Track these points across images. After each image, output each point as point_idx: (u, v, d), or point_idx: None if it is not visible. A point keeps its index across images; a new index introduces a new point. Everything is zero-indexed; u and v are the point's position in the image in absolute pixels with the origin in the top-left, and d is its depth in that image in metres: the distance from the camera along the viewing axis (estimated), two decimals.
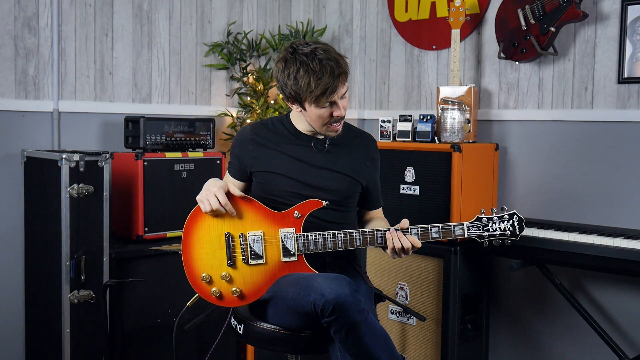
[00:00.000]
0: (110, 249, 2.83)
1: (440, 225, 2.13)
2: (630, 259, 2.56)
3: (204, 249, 2.14)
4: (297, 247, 2.11)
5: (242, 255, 2.12)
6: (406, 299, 3.20)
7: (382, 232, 2.12)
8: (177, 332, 2.45)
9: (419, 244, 2.10)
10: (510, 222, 2.15)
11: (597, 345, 2.97)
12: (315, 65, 2.05)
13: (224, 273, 2.12)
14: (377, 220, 2.38)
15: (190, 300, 2.24)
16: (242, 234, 2.12)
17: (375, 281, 3.25)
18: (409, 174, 3.19)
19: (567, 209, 3.13)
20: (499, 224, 2.15)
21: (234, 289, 2.12)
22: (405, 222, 2.12)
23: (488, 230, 2.14)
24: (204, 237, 2.14)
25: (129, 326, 2.90)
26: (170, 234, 3.08)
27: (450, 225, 2.13)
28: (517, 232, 2.15)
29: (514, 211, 2.17)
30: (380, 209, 2.43)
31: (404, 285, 3.21)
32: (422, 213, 3.12)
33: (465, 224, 2.14)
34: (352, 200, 2.29)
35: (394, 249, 2.09)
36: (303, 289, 1.97)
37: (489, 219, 2.15)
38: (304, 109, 2.15)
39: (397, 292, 3.23)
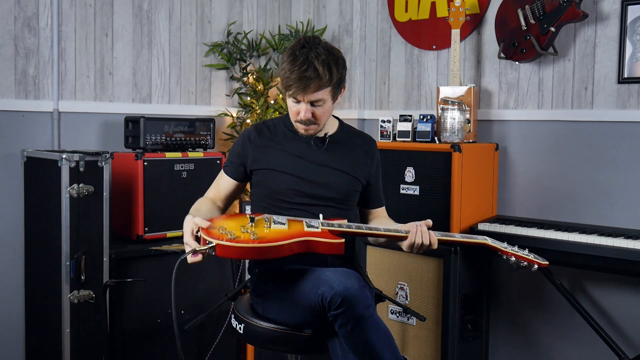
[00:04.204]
0: (110, 249, 2.83)
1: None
2: (630, 259, 2.56)
3: (223, 221, 2.01)
4: (321, 225, 2.04)
5: (265, 225, 2.01)
6: (406, 299, 3.19)
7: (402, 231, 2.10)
8: (176, 289, 1.96)
9: (436, 244, 2.08)
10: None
11: (597, 345, 2.97)
12: (299, 59, 2.08)
13: (243, 226, 1.97)
14: (382, 219, 2.38)
15: (201, 248, 1.87)
16: (267, 216, 2.05)
17: (375, 281, 3.24)
18: (409, 174, 3.19)
19: (567, 209, 3.13)
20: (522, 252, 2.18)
21: (250, 231, 1.94)
22: (429, 222, 2.11)
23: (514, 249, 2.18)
24: (223, 218, 2.09)
25: (129, 326, 2.90)
26: (170, 234, 3.08)
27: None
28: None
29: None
30: (384, 207, 2.43)
31: (404, 285, 3.20)
32: (422, 213, 3.11)
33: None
34: (352, 198, 2.30)
35: (413, 243, 2.06)
36: (311, 281, 1.96)
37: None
38: (285, 95, 2.19)
39: (397, 292, 3.23)
